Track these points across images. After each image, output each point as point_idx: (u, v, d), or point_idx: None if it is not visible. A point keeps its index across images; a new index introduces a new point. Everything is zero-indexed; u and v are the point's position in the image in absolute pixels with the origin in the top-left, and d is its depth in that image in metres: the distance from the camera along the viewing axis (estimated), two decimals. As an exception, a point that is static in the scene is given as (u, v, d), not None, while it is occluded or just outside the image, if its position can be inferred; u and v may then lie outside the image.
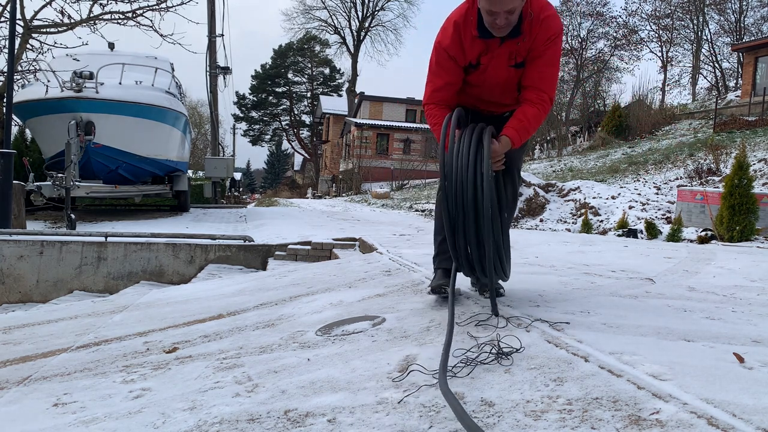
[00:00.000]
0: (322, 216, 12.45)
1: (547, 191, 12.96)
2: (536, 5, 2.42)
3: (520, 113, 2.49)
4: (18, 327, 3.58)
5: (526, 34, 2.41)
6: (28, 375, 2.41)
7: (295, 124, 54.42)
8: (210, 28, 18.76)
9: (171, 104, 11.37)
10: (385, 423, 1.52)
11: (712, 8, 34.32)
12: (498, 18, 2.30)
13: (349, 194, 32.72)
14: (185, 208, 12.83)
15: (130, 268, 6.70)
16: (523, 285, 3.12)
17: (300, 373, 2.02)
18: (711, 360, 1.74)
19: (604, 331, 2.08)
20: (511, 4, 2.26)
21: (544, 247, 5.57)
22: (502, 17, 2.29)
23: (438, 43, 2.53)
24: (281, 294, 3.76)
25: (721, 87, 34.29)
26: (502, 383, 1.67)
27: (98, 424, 1.79)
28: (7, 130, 8.36)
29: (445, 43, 2.49)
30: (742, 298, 2.89)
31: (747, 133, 17.22)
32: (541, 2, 2.45)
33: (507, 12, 2.28)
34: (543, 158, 26.06)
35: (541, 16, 2.41)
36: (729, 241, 7.84)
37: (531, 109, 2.48)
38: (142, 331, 3.08)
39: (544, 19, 2.41)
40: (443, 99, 2.59)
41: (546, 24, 2.42)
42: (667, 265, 4.23)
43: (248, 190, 54.21)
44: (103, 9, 10.88)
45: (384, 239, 6.26)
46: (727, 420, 1.29)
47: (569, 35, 36.44)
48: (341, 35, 46.24)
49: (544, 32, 2.42)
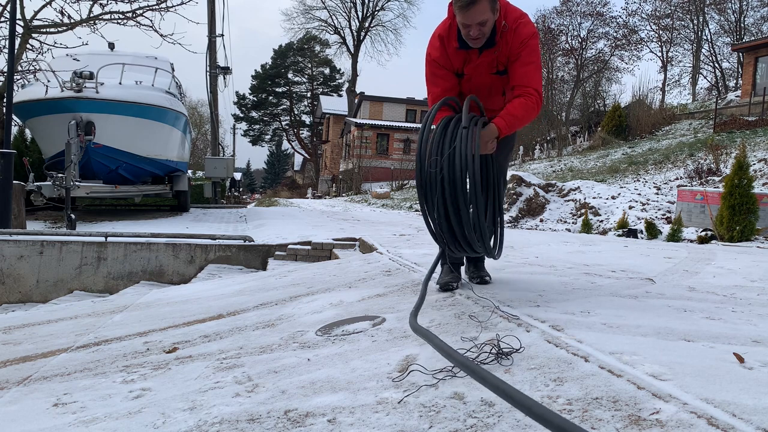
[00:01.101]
0: (322, 216, 12.45)
1: (547, 191, 12.96)
2: (511, 17, 2.66)
3: (508, 105, 2.69)
4: (18, 327, 3.58)
5: (501, 44, 2.66)
6: (28, 375, 2.41)
7: (295, 124, 54.44)
8: (210, 28, 18.77)
9: (171, 104, 11.37)
10: (385, 423, 1.52)
11: (712, 8, 34.34)
12: (471, 30, 2.55)
13: (349, 194, 32.73)
14: (185, 208, 12.84)
15: (130, 268, 6.70)
16: (523, 285, 3.12)
17: (300, 373, 2.02)
18: (711, 360, 1.74)
19: (604, 331, 2.08)
20: (481, 17, 2.50)
21: (544, 247, 5.57)
22: (474, 29, 2.54)
23: (428, 55, 2.81)
24: (281, 294, 3.76)
25: (721, 87, 34.32)
26: (502, 383, 1.67)
27: (98, 424, 1.79)
28: (7, 130, 8.36)
29: (434, 55, 2.77)
30: (742, 298, 2.89)
31: (747, 133, 17.22)
32: (515, 13, 2.69)
33: (479, 24, 2.52)
34: (543, 158, 26.05)
35: (514, 25, 2.65)
36: (729, 241, 7.84)
37: (517, 100, 2.66)
38: (142, 331, 3.08)
39: (517, 27, 2.66)
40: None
41: (518, 31, 2.65)
42: (667, 265, 4.23)
43: (248, 190, 54.24)
44: (103, 9, 10.89)
45: (384, 239, 6.26)
46: (727, 420, 1.29)
47: (569, 35, 36.45)
48: (341, 35, 46.29)
49: (517, 38, 2.65)
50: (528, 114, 2.66)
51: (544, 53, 35.88)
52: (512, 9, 2.70)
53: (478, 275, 3.14)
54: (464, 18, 2.52)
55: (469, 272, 3.21)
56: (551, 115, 32.04)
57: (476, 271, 3.17)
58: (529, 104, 2.65)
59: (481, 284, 3.08)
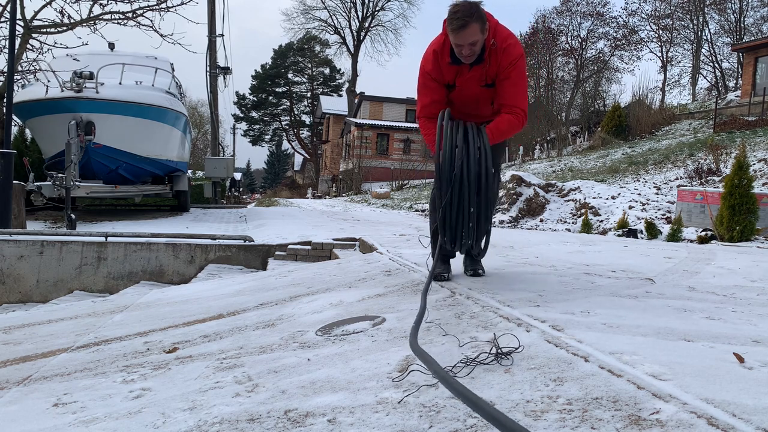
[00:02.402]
0: (322, 216, 12.45)
1: (547, 191, 12.96)
2: (499, 36, 2.96)
3: (498, 118, 3.07)
4: (18, 327, 3.58)
5: (490, 60, 2.97)
6: (29, 375, 2.41)
7: (295, 124, 54.43)
8: (210, 28, 18.77)
9: (171, 104, 11.37)
10: (385, 423, 1.52)
11: (712, 8, 34.35)
12: (463, 49, 2.87)
13: (349, 194, 32.73)
14: (185, 208, 12.83)
15: (130, 268, 6.70)
16: (523, 285, 3.12)
17: (300, 373, 2.02)
18: (711, 360, 1.74)
19: (604, 331, 2.08)
20: (472, 38, 2.82)
21: (544, 247, 5.57)
22: (466, 48, 2.86)
23: (422, 68, 3.12)
24: (281, 294, 3.76)
25: (721, 87, 34.32)
26: (502, 383, 1.67)
27: (98, 424, 1.79)
28: (7, 130, 8.36)
29: (428, 68, 3.07)
30: (742, 298, 2.89)
31: (747, 133, 17.22)
32: (504, 33, 2.99)
33: (470, 44, 2.84)
34: (543, 158, 26.05)
35: (503, 45, 2.96)
36: (729, 241, 7.84)
37: (507, 116, 3.05)
38: (142, 331, 3.08)
39: (506, 47, 2.96)
40: (432, 113, 3.11)
41: (507, 51, 2.96)
42: (667, 265, 4.23)
43: (248, 190, 54.22)
44: (103, 9, 10.89)
45: (384, 239, 6.26)
46: (727, 420, 1.29)
47: (569, 35, 36.48)
48: (341, 35, 46.28)
49: (506, 58, 2.96)
50: (513, 130, 3.09)
51: (544, 53, 35.97)
52: (501, 29, 3.00)
53: (472, 268, 3.47)
54: (457, 39, 2.83)
55: (465, 264, 3.54)
56: (551, 115, 32.04)
57: (471, 264, 3.49)
58: (515, 122, 3.05)
59: (474, 276, 3.40)
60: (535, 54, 36.11)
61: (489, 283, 3.18)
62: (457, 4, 2.83)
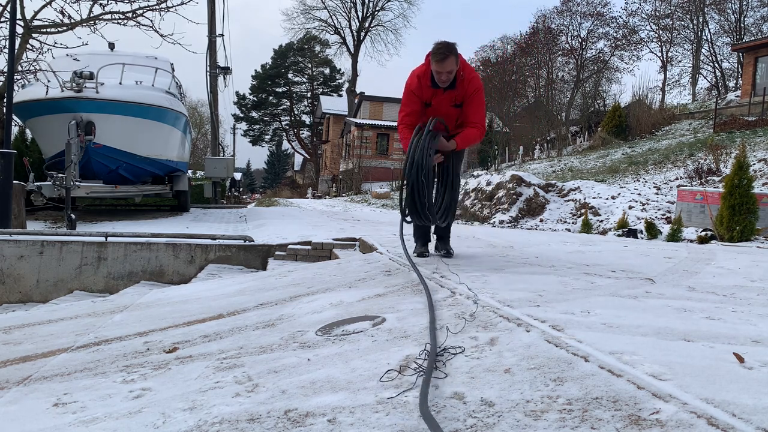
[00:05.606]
0: (322, 216, 12.45)
1: (547, 191, 12.96)
2: (466, 71, 3.97)
3: (465, 130, 4.06)
4: (18, 327, 3.58)
5: (459, 87, 3.96)
6: (29, 375, 2.41)
7: (295, 124, 54.43)
8: (210, 28, 18.77)
9: (171, 104, 11.36)
10: (385, 423, 1.52)
11: (712, 8, 34.34)
12: (442, 75, 3.82)
13: (349, 194, 32.73)
14: (185, 208, 12.83)
15: (131, 268, 6.70)
16: (523, 285, 3.12)
17: (300, 373, 2.02)
18: (711, 360, 1.74)
19: (604, 331, 2.08)
20: (449, 68, 3.79)
21: (544, 247, 5.57)
22: (444, 75, 3.82)
23: (408, 86, 4.05)
24: (281, 294, 3.76)
25: (721, 87, 34.32)
26: (502, 383, 1.67)
27: (98, 424, 1.79)
28: (7, 130, 8.36)
29: (413, 87, 4.02)
30: (742, 298, 2.89)
31: (747, 133, 17.22)
32: (469, 68, 4.03)
33: (447, 72, 3.80)
34: (543, 158, 26.05)
35: (469, 77, 3.97)
36: (729, 241, 7.84)
37: (472, 130, 4.06)
38: (142, 331, 3.08)
39: (470, 79, 3.98)
40: (411, 122, 4.03)
41: (470, 82, 3.98)
42: (667, 265, 4.23)
43: (248, 190, 54.23)
44: (103, 9, 10.89)
45: (384, 239, 6.26)
46: (727, 420, 1.29)
47: (569, 35, 36.50)
48: (341, 35, 46.31)
49: (470, 87, 3.98)
50: (476, 139, 4.10)
51: (544, 53, 36.03)
52: (466, 65, 4.00)
53: (444, 248, 4.42)
54: (438, 67, 3.78)
55: (438, 247, 4.49)
56: (551, 115, 32.05)
57: (443, 245, 4.45)
58: (477, 133, 4.06)
59: (446, 257, 4.31)
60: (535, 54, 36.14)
61: (489, 283, 3.18)
62: (441, 42, 3.78)
